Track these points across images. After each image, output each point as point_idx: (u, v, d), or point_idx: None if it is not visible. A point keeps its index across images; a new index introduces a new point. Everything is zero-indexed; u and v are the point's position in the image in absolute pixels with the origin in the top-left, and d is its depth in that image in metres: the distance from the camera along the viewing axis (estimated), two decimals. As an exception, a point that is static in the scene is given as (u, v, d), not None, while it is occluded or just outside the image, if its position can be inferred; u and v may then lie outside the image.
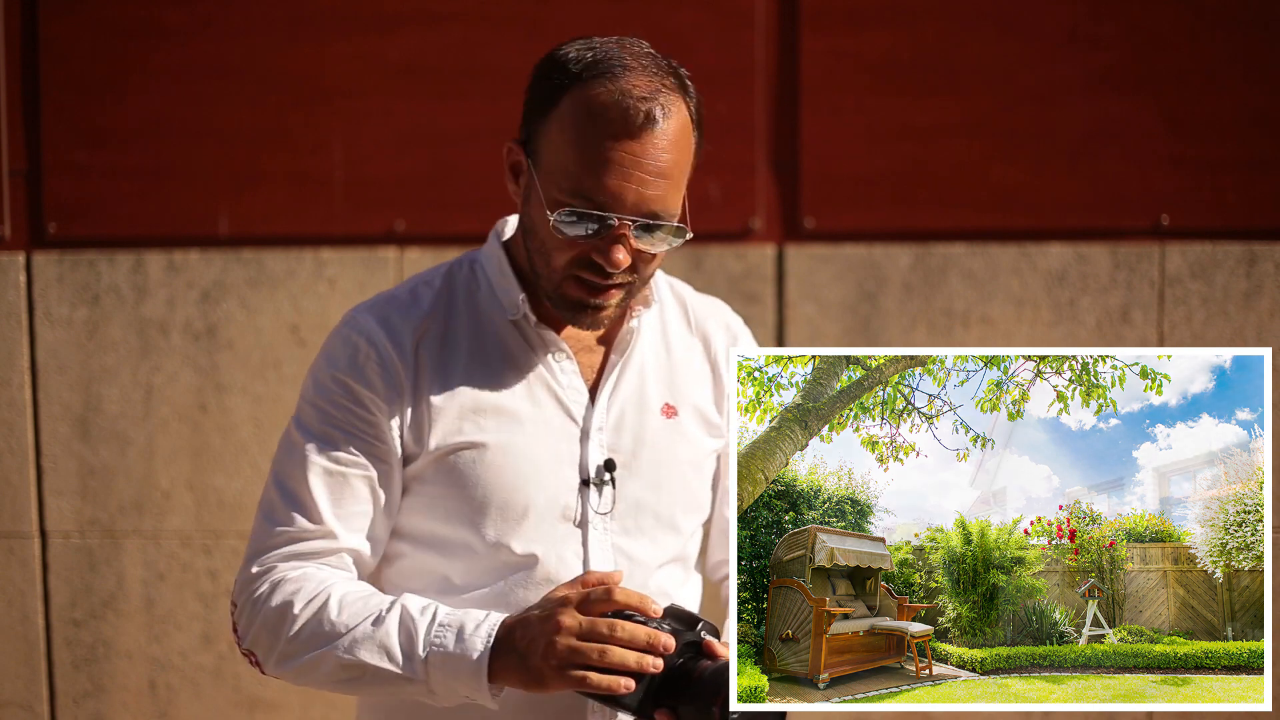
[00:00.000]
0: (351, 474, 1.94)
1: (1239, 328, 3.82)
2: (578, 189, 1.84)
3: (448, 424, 1.94)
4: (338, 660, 1.85)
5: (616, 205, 1.84)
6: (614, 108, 1.83)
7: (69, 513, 3.87)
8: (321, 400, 1.95)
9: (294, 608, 1.88)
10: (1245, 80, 3.79)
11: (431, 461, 1.95)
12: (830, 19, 3.79)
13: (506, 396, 1.97)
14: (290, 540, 1.93)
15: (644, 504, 2.03)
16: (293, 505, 1.93)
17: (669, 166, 1.86)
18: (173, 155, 3.83)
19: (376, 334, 1.95)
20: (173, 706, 3.91)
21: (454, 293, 2.00)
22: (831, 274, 3.82)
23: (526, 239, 1.94)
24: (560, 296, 1.92)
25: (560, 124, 1.86)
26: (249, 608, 1.93)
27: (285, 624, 1.88)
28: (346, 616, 1.86)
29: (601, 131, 1.83)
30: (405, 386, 1.94)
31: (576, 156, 1.84)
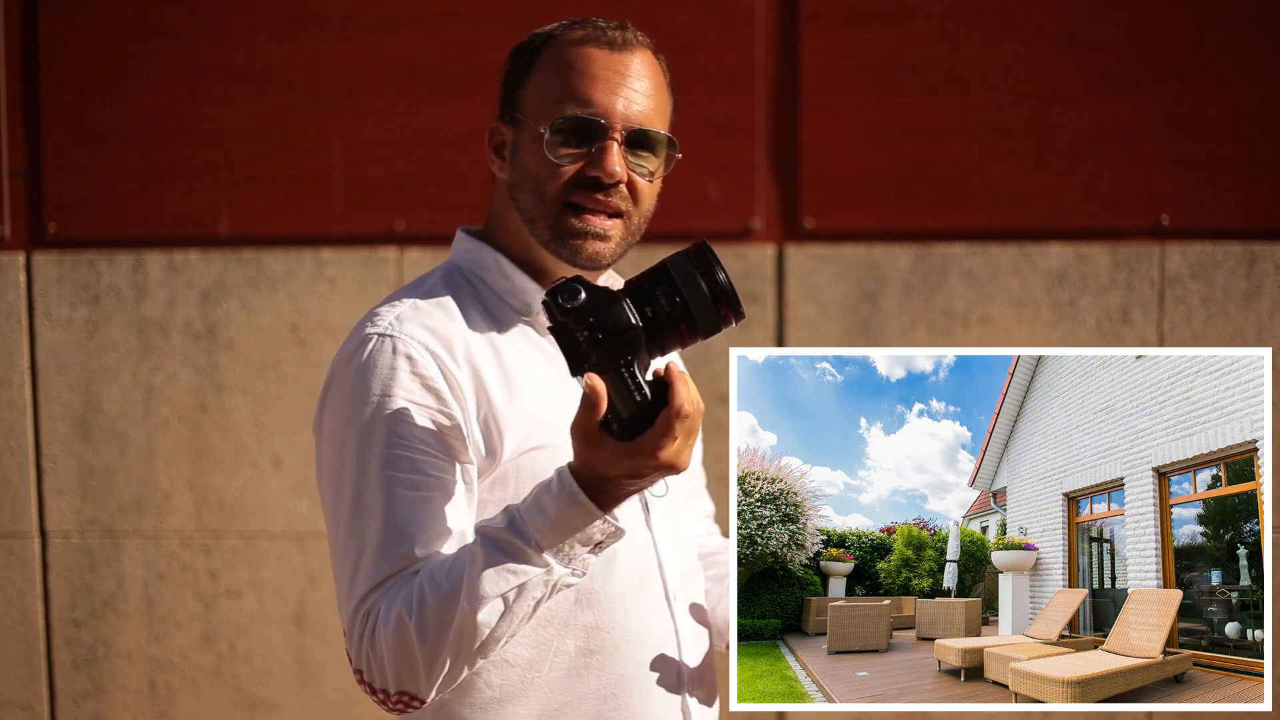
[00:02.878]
0: (435, 496, 1.85)
1: (1239, 328, 3.82)
2: (567, 106, 1.89)
3: (518, 429, 1.90)
4: (474, 617, 1.76)
5: (606, 114, 1.89)
6: (591, 37, 1.92)
7: (69, 513, 3.87)
8: (388, 425, 1.84)
9: (407, 618, 1.79)
10: (1245, 80, 3.79)
11: (506, 469, 1.90)
12: (830, 19, 3.79)
13: (556, 394, 1.94)
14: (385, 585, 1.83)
15: (676, 483, 2.03)
16: (380, 548, 1.83)
17: (650, 88, 1.93)
18: (173, 155, 3.83)
19: (426, 345, 1.87)
20: (173, 706, 3.91)
21: (462, 301, 1.96)
22: (831, 274, 3.82)
23: (518, 193, 1.94)
24: (559, 231, 1.92)
25: (542, 69, 1.93)
26: (372, 658, 1.82)
27: (409, 635, 1.79)
28: (451, 579, 1.79)
29: (583, 54, 1.91)
30: (467, 396, 1.88)
31: (562, 82, 1.90)
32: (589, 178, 1.89)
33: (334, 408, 1.89)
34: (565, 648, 1.92)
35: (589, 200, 1.89)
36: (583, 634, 1.92)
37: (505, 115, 1.98)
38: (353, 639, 1.85)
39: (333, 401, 1.90)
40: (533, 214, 1.92)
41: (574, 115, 1.88)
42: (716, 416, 3.78)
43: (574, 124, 1.88)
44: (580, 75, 1.90)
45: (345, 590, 1.86)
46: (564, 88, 1.90)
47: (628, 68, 1.91)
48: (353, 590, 1.85)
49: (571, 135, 1.88)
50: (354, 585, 1.84)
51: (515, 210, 1.95)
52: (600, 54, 1.90)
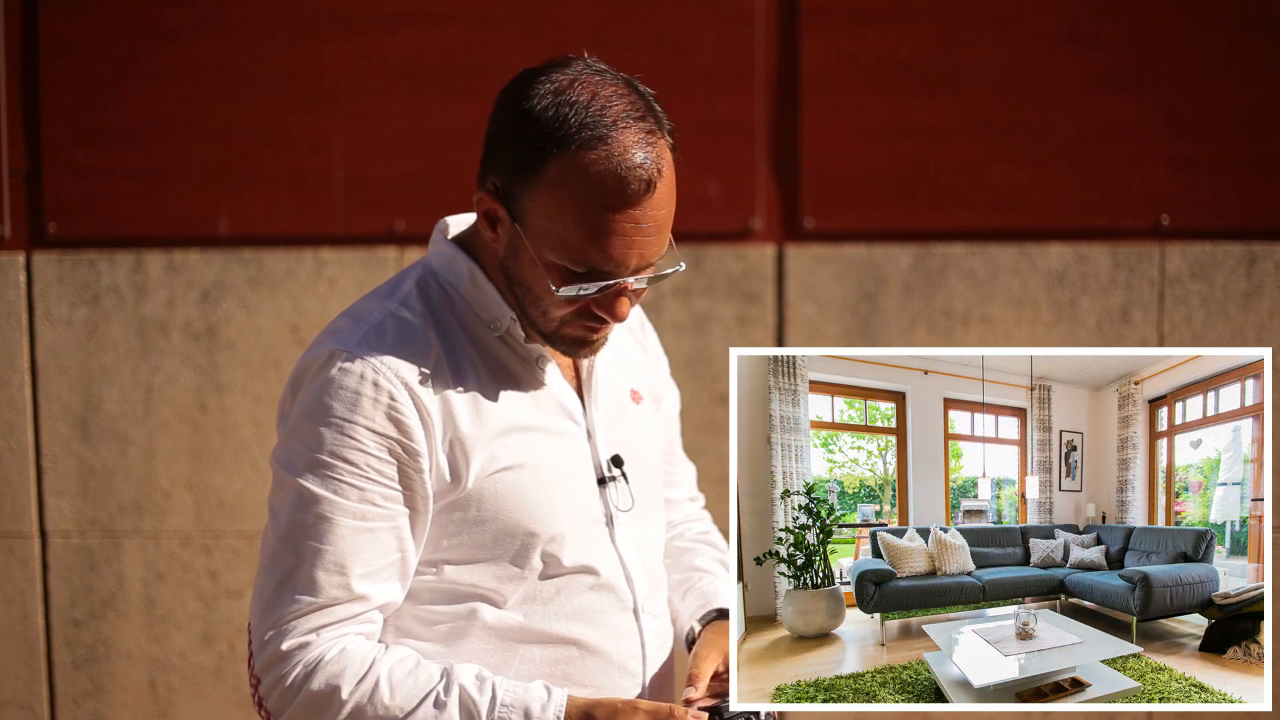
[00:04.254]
0: (380, 527, 1.85)
1: (1239, 328, 3.82)
2: (580, 259, 1.83)
3: (483, 452, 1.89)
4: None
5: (621, 270, 1.84)
6: (611, 179, 1.80)
7: (69, 513, 3.87)
8: (342, 450, 1.84)
9: (341, 692, 1.81)
10: (1245, 80, 3.79)
11: (470, 491, 1.90)
12: (830, 19, 3.79)
13: (521, 412, 1.94)
14: (316, 609, 1.84)
15: (643, 492, 2.04)
16: (316, 570, 1.83)
17: (665, 218, 1.86)
18: (173, 155, 3.83)
19: (397, 373, 1.85)
20: (173, 706, 3.91)
21: (435, 314, 1.94)
22: (831, 274, 3.82)
23: (515, 288, 1.91)
24: (559, 337, 1.92)
25: (553, 193, 1.82)
26: (280, 688, 1.84)
27: (332, 709, 1.81)
28: (401, 699, 1.81)
29: (602, 204, 1.80)
30: (435, 425, 1.86)
31: (576, 229, 1.81)
32: (596, 314, 1.87)
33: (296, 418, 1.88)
34: (531, 656, 1.94)
35: (594, 328, 1.90)
36: (549, 646, 1.94)
37: (501, 197, 1.87)
38: (266, 661, 1.85)
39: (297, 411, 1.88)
40: (533, 318, 1.91)
41: (589, 275, 1.83)
42: (716, 416, 3.78)
43: (587, 280, 1.84)
44: (596, 231, 1.81)
45: (263, 601, 1.86)
46: (577, 239, 1.82)
47: (645, 217, 1.82)
48: (272, 604, 1.85)
49: (583, 286, 1.84)
50: (280, 596, 1.84)
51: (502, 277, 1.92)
52: (620, 210, 1.80)
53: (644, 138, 1.81)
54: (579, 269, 1.83)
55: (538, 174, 1.82)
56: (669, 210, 1.86)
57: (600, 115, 1.80)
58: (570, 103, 1.81)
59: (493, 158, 1.89)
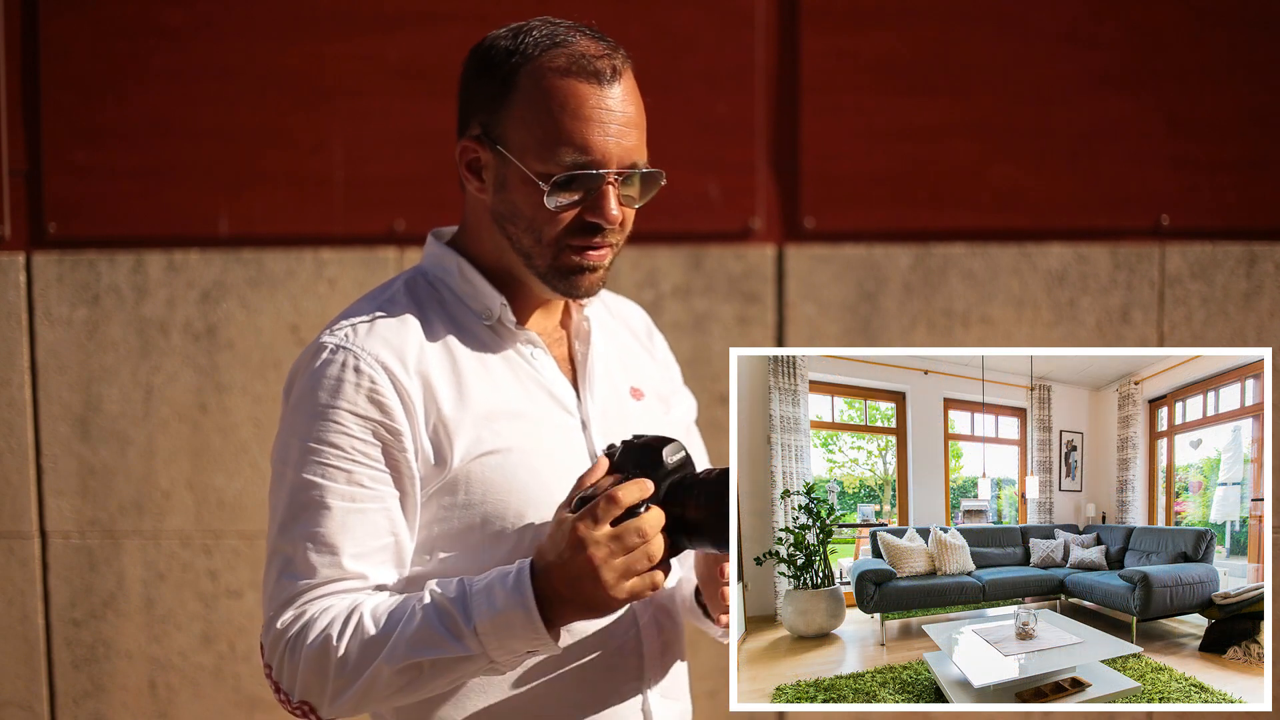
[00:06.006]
0: (370, 508, 1.89)
1: (1239, 328, 3.82)
2: (564, 153, 1.88)
3: (468, 436, 1.92)
4: (391, 669, 1.83)
5: (604, 160, 1.89)
6: (576, 66, 1.89)
7: (69, 513, 3.87)
8: (328, 435, 1.89)
9: (333, 640, 1.84)
10: (1245, 80, 3.79)
11: (456, 474, 1.93)
12: (830, 19, 3.79)
13: (511, 399, 1.97)
14: (311, 588, 1.88)
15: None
16: (312, 554, 1.88)
17: (636, 115, 1.93)
18: (173, 155, 3.83)
19: (377, 357, 1.91)
20: (173, 706, 3.91)
21: (421, 306, 1.99)
22: (831, 274, 3.82)
23: (507, 225, 1.95)
24: (557, 268, 1.94)
25: (526, 100, 1.90)
26: (287, 660, 1.88)
27: (329, 658, 1.84)
28: (386, 625, 1.84)
29: (574, 90, 1.89)
30: (416, 407, 1.91)
31: (555, 122, 1.89)
32: (589, 223, 1.91)
33: (288, 413, 1.95)
34: None
35: (588, 243, 1.92)
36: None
37: (480, 137, 1.95)
38: (271, 642, 1.90)
39: (289, 406, 1.96)
40: (529, 251, 1.95)
41: (573, 166, 1.88)
42: (716, 416, 3.78)
43: (575, 177, 1.88)
44: (572, 117, 1.88)
45: (271, 587, 1.92)
46: (556, 130, 1.88)
47: (616, 102, 1.90)
48: (278, 590, 1.90)
49: (572, 185, 1.89)
50: (280, 584, 1.90)
51: (500, 234, 1.96)
52: (590, 91, 1.89)
53: (603, 47, 1.92)
54: (563, 170, 1.88)
55: (510, 91, 1.91)
56: (639, 112, 1.93)
57: (556, 29, 1.93)
58: (527, 29, 1.95)
59: (467, 105, 1.99)
